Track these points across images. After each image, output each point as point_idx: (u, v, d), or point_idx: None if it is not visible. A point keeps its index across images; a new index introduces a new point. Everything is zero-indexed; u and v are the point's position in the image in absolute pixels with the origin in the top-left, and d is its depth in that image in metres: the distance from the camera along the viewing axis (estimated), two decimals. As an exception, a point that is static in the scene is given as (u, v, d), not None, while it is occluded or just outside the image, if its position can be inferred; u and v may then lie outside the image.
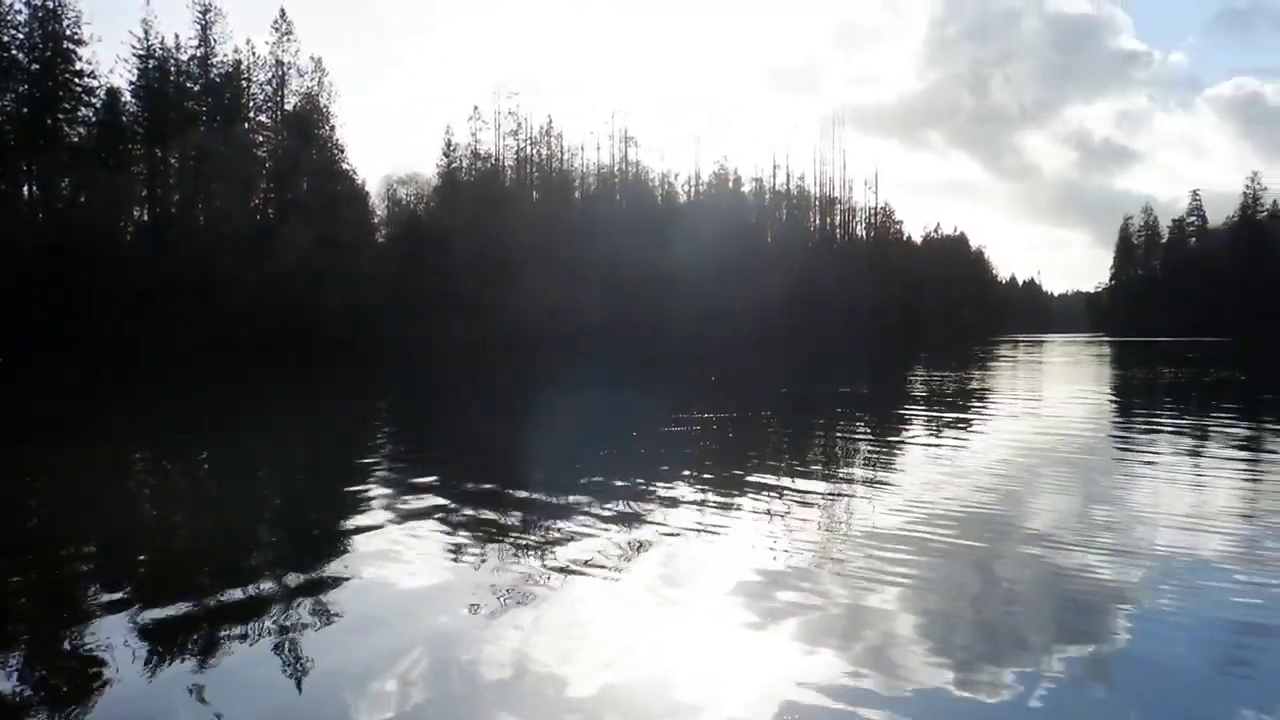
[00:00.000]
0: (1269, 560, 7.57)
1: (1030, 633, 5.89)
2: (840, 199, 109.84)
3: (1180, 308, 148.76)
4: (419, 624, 6.16)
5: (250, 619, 6.14)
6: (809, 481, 11.58)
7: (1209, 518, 9.20)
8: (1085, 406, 23.44)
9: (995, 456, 13.71)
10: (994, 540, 8.33)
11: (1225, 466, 12.81)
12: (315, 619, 6.15)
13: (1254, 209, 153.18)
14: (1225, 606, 6.37)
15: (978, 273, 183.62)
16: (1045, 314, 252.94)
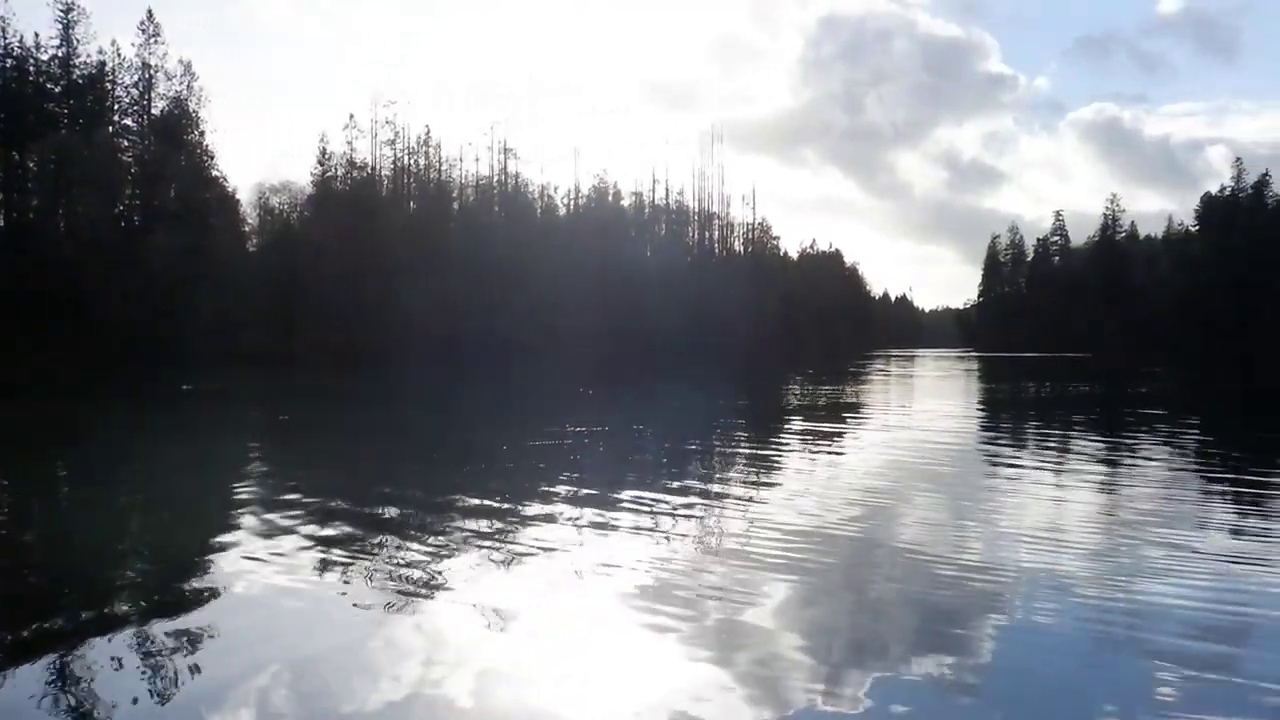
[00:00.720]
0: (1123, 570, 7.82)
1: (900, 642, 5.95)
2: (719, 214, 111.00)
3: (1044, 324, 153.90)
4: (280, 645, 5.92)
5: (105, 642, 5.83)
6: (685, 494, 11.57)
7: (1069, 529, 9.50)
8: (955, 419, 23.99)
9: (868, 469, 13.93)
10: (866, 551, 8.45)
11: (1084, 479, 13.25)
12: (173, 640, 5.86)
13: (1113, 229, 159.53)
14: (1084, 614, 6.55)
15: (852, 288, 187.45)
16: (917, 329, 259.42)
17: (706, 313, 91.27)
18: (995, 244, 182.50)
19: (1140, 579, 7.47)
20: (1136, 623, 6.34)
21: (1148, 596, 6.97)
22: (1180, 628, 6.23)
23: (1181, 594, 7.01)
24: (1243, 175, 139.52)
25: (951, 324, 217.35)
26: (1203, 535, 9.13)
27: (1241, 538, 9.08)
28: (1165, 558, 8.17)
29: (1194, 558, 8.18)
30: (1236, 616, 6.54)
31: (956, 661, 5.60)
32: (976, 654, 5.75)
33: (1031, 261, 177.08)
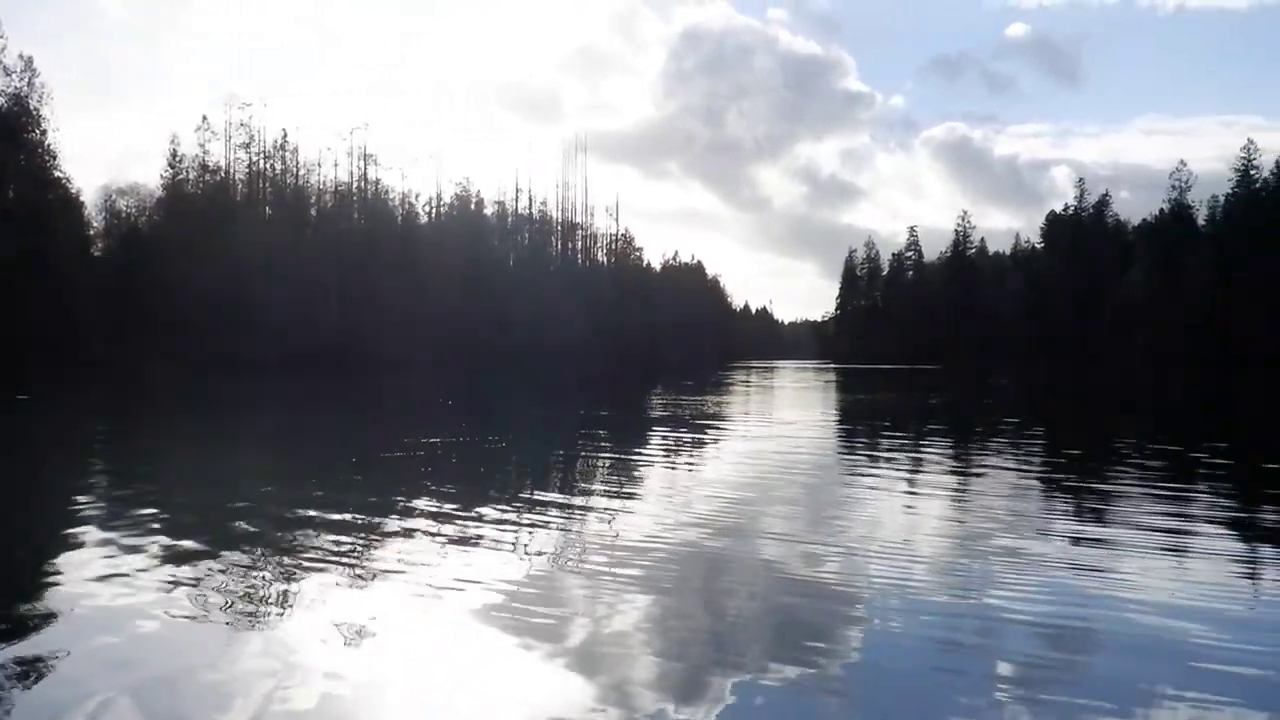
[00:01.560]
0: (973, 577, 8.09)
1: (757, 652, 5.98)
2: (582, 224, 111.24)
3: (899, 336, 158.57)
4: (126, 669, 5.62)
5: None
6: (545, 507, 11.51)
7: (921, 538, 9.78)
8: (813, 430, 24.42)
9: (729, 480, 14.05)
10: (726, 563, 8.51)
11: (936, 488, 13.64)
12: (8, 668, 5.52)
13: (964, 245, 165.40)
14: (934, 621, 6.72)
15: (714, 300, 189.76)
16: (777, 341, 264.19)
17: (569, 323, 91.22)
18: (852, 258, 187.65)
19: (987, 586, 7.69)
20: (984, 628, 6.54)
21: (994, 603, 7.17)
22: (1025, 633, 6.43)
23: (1026, 601, 7.23)
24: (1085, 195, 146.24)
25: (810, 336, 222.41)
26: (1046, 542, 9.46)
27: (1081, 544, 9.43)
28: (1011, 565, 8.43)
29: (1038, 564, 8.46)
30: (1077, 621, 6.78)
31: (813, 670, 5.67)
32: (832, 662, 5.82)
33: (887, 275, 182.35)
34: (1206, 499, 12.72)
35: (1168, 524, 10.56)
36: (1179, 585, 7.75)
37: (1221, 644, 6.22)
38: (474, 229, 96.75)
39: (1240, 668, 5.77)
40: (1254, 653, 6.05)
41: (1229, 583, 7.89)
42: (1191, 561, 8.70)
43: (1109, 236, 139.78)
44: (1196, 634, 6.42)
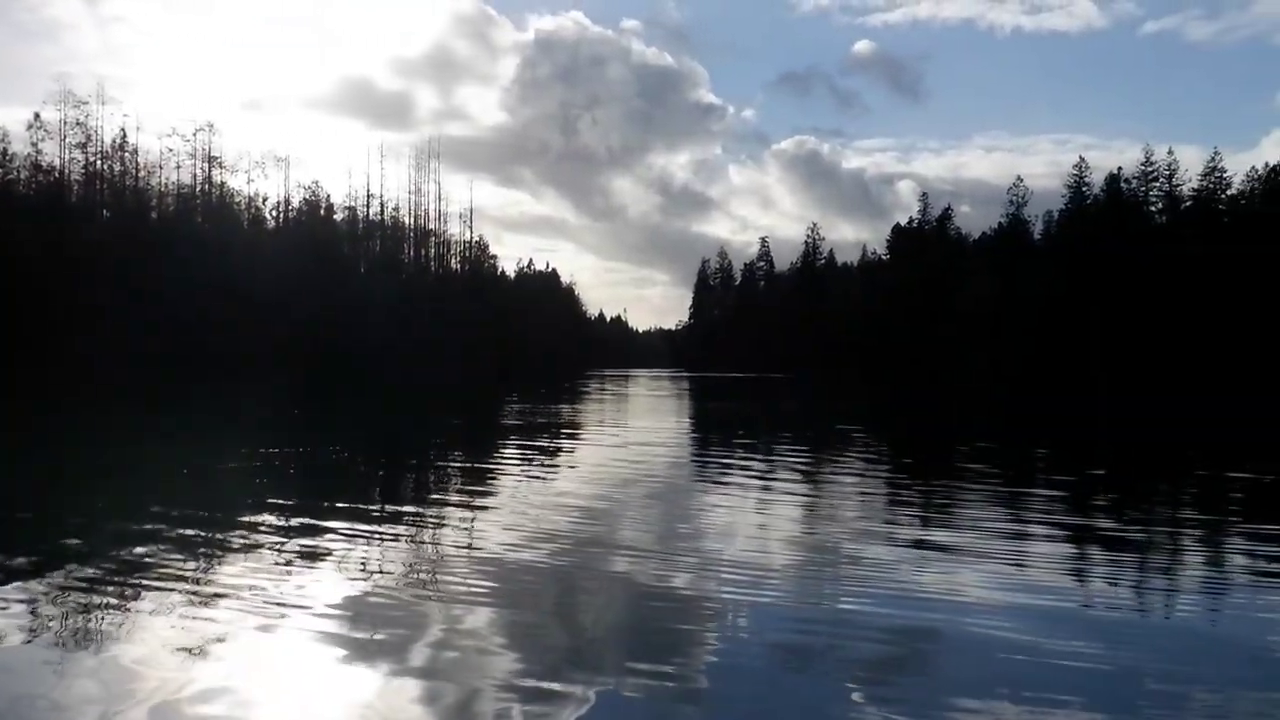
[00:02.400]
0: (822, 579, 8.32)
1: (611, 662, 5.96)
2: (436, 232, 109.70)
3: (751, 345, 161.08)
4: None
5: None
6: (394, 519, 11.31)
7: (773, 544, 9.97)
8: (667, 436, 24.58)
9: (583, 489, 14.04)
10: (581, 568, 8.48)
11: (786, 494, 13.95)
12: None
13: (814, 256, 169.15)
14: (787, 621, 6.86)
15: (569, 308, 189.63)
16: (632, 349, 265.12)
17: (422, 331, 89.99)
18: (705, 268, 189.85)
19: (835, 591, 7.88)
20: (832, 631, 6.65)
21: (842, 607, 7.33)
22: (871, 635, 6.57)
23: (871, 604, 7.40)
24: (928, 208, 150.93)
25: (664, 344, 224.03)
26: (891, 547, 9.72)
27: (924, 547, 9.73)
28: (857, 570, 8.64)
29: (884, 567, 8.69)
30: (920, 622, 6.96)
31: (666, 679, 5.66)
32: (685, 670, 5.83)
33: (739, 285, 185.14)
34: (1040, 505, 13.27)
35: (1004, 528, 11.00)
36: (1014, 586, 8.06)
37: (1053, 641, 6.47)
38: (324, 235, 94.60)
39: (1071, 662, 6.04)
40: (1081, 648, 6.35)
41: (1059, 583, 8.25)
42: (1026, 563, 9.05)
43: (951, 249, 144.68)
44: (1030, 632, 6.67)
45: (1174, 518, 12.41)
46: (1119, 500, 13.83)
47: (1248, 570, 8.98)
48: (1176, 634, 6.90)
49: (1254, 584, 8.41)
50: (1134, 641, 6.59)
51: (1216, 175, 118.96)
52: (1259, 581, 8.52)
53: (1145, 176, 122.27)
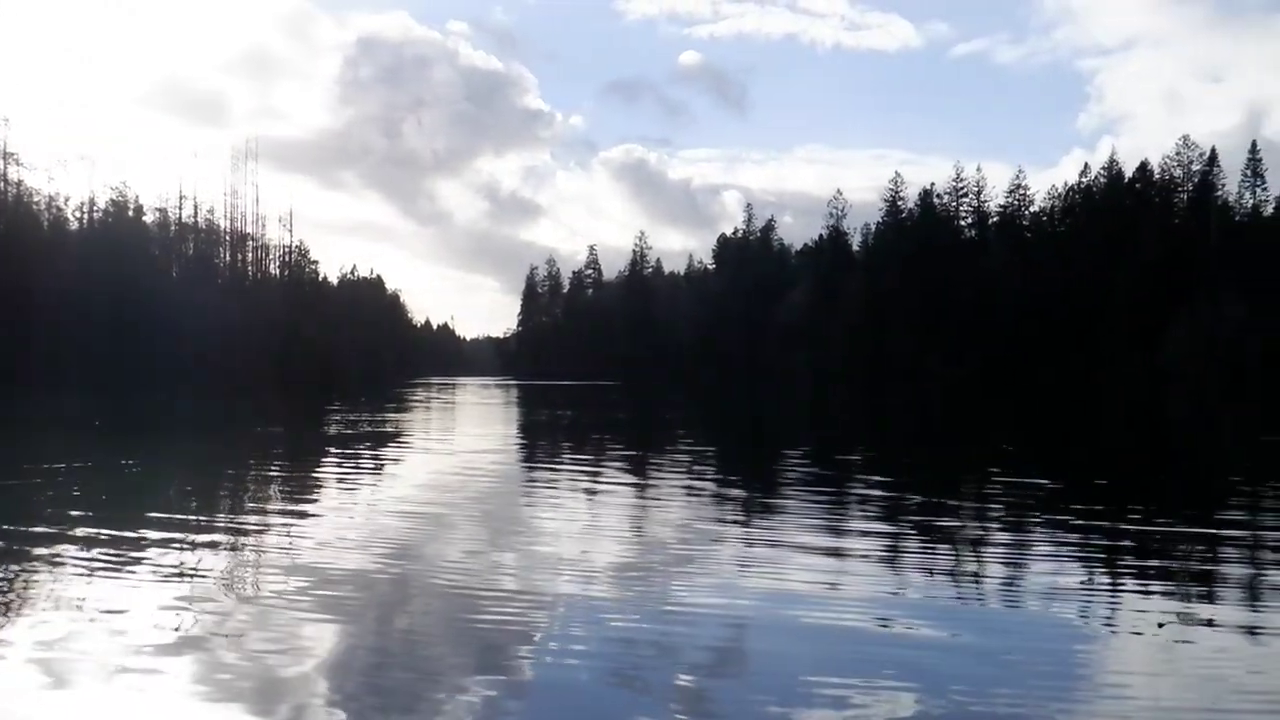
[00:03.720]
0: (653, 579, 8.30)
1: (445, 665, 5.82)
2: (254, 236, 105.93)
3: (580, 353, 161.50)
4: None
5: None
6: (208, 531, 10.79)
7: (603, 549, 9.92)
8: (496, 443, 24.29)
9: (410, 499, 13.74)
10: (407, 585, 8.25)
11: (616, 500, 13.96)
12: None
13: (641, 264, 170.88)
14: (619, 622, 6.84)
15: (395, 315, 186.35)
16: (460, 357, 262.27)
17: (238, 339, 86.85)
18: (534, 275, 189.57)
19: (665, 591, 7.89)
20: (663, 631, 6.64)
21: (672, 607, 7.34)
22: (702, 634, 6.61)
23: (701, 603, 7.47)
24: (753, 219, 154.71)
25: (493, 352, 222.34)
26: (720, 545, 9.84)
27: (754, 546, 9.89)
28: (687, 569, 8.72)
29: (711, 566, 8.82)
30: (749, 620, 7.04)
31: (497, 687, 5.54)
32: (515, 677, 5.74)
33: (568, 293, 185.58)
34: (858, 500, 13.58)
35: (827, 523, 11.29)
36: (840, 579, 8.28)
37: (878, 631, 6.67)
38: (132, 237, 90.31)
39: (896, 650, 6.21)
40: (905, 636, 6.57)
41: (882, 575, 8.48)
42: (849, 556, 9.25)
43: (774, 258, 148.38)
44: (857, 624, 6.84)
45: (983, 512, 12.76)
46: (937, 490, 14.18)
47: (1052, 555, 9.30)
48: (988, 619, 7.09)
49: (1056, 570, 8.69)
50: (949, 629, 6.77)
51: (1020, 192, 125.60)
52: (1062, 566, 8.80)
53: (956, 192, 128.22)
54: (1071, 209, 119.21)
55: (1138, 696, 5.44)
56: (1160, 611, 7.23)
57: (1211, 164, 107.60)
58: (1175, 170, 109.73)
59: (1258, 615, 7.27)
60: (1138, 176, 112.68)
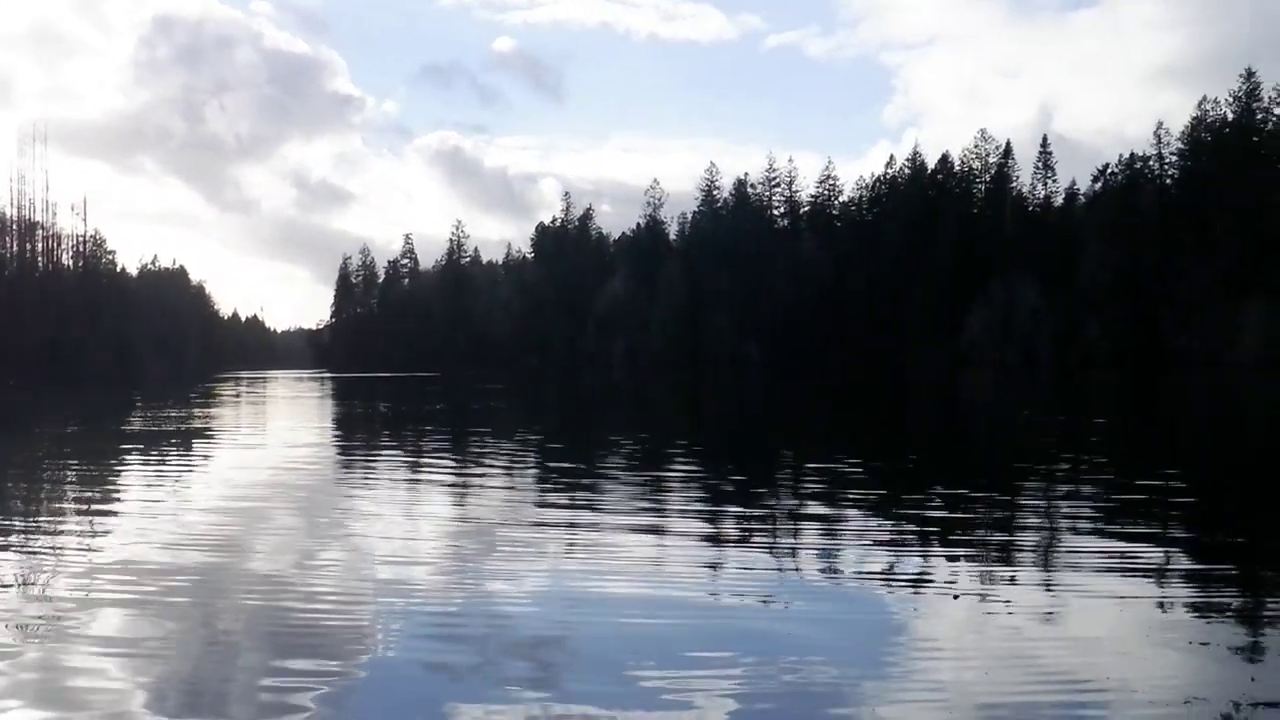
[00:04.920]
0: (475, 569, 8.22)
1: (254, 665, 5.57)
2: (44, 224, 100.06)
3: (397, 344, 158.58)
4: None
5: None
6: (2, 534, 9.90)
7: (425, 542, 9.78)
8: (310, 440, 23.53)
9: (221, 497, 13.22)
10: (221, 575, 7.93)
11: (438, 489, 13.79)
12: None
13: (458, 254, 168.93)
14: (440, 614, 6.70)
15: (200, 308, 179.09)
16: (270, 350, 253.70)
17: (29, 333, 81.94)
18: (347, 265, 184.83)
19: (487, 581, 7.81)
20: (486, 622, 6.53)
21: (498, 595, 7.30)
22: (525, 623, 6.54)
23: (524, 591, 7.45)
24: (571, 208, 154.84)
25: (306, 345, 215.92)
26: (543, 534, 9.78)
27: (577, 528, 9.86)
28: (509, 557, 8.68)
29: (535, 551, 8.81)
30: (572, 607, 7.03)
31: (310, 687, 5.31)
32: (328, 676, 5.51)
33: (383, 283, 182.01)
34: (679, 480, 13.73)
35: (649, 504, 11.53)
36: (661, 569, 8.34)
37: (693, 622, 6.65)
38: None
39: (721, 621, 6.28)
40: (730, 607, 6.64)
41: (697, 568, 8.47)
42: (670, 546, 9.35)
43: (593, 247, 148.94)
44: (673, 615, 6.81)
45: (799, 491, 13.03)
46: (755, 471, 14.38)
47: (862, 531, 9.62)
48: (805, 591, 7.23)
49: (867, 544, 9.03)
50: (770, 600, 6.90)
51: (830, 182, 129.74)
52: (869, 552, 9.12)
53: (769, 182, 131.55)
54: (878, 199, 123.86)
55: (943, 657, 5.70)
56: (961, 579, 7.60)
57: (1007, 156, 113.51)
58: (974, 162, 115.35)
59: (1045, 578, 7.68)
60: (939, 168, 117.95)
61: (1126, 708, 4.79)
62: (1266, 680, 5.14)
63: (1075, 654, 5.73)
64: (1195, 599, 7.14)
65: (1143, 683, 5.15)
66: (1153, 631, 6.14)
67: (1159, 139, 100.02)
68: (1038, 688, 5.18)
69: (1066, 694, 5.04)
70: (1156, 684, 5.13)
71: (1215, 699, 4.83)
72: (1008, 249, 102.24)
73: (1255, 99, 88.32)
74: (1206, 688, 5.02)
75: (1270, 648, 5.76)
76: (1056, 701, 4.93)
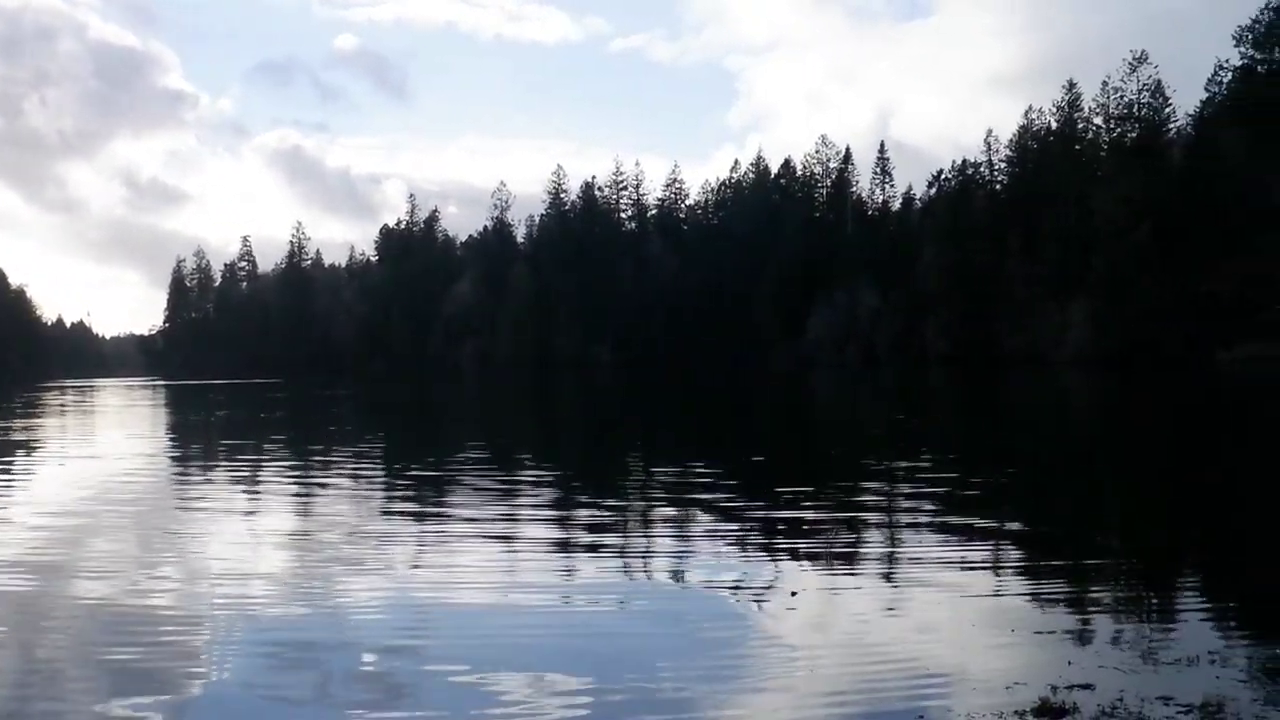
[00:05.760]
0: (316, 584, 8.05)
1: (85, 692, 5.33)
2: None
3: (236, 350, 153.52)
4: None
5: None
6: None
7: (265, 552, 9.60)
8: (139, 452, 22.56)
9: (46, 513, 12.53)
10: (44, 597, 7.60)
11: (278, 501, 13.47)
12: None
13: (300, 256, 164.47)
14: (281, 630, 6.54)
15: (19, 314, 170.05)
16: (99, 358, 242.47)
17: None
18: (181, 268, 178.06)
19: (330, 595, 7.68)
20: (329, 636, 6.42)
21: (341, 609, 7.21)
22: (369, 634, 6.45)
23: (368, 603, 7.35)
24: (416, 209, 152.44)
25: (138, 351, 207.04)
26: (388, 542, 9.72)
27: (424, 538, 9.84)
28: (356, 567, 8.57)
29: (381, 561, 8.74)
30: (416, 616, 6.98)
31: (153, 711, 5.13)
32: (174, 699, 5.33)
33: (220, 287, 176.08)
34: (528, 486, 13.76)
35: (499, 516, 11.38)
36: (511, 577, 8.27)
37: (545, 629, 6.66)
38: None
39: (569, 625, 6.40)
40: (578, 613, 6.73)
41: (547, 573, 8.47)
42: (520, 552, 9.36)
43: (439, 250, 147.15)
44: (524, 623, 6.80)
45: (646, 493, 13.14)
46: (599, 476, 14.44)
47: (708, 533, 9.83)
48: (653, 593, 7.38)
49: (710, 545, 9.21)
50: (619, 603, 7.02)
51: (677, 186, 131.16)
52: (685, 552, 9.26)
53: (617, 185, 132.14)
54: (724, 202, 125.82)
55: (792, 652, 5.81)
56: (807, 576, 7.82)
57: (847, 162, 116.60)
58: (815, 167, 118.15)
59: (887, 572, 7.99)
60: (782, 173, 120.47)
61: (963, 695, 5.02)
62: (1082, 663, 5.44)
63: (917, 643, 5.96)
64: (1026, 589, 7.51)
65: (979, 669, 5.39)
66: (987, 621, 6.41)
67: (989, 146, 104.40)
68: (882, 676, 5.37)
69: (908, 681, 5.25)
70: (989, 670, 5.37)
71: (1035, 682, 5.09)
72: (849, 252, 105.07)
73: (1076, 109, 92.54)
74: (1030, 671, 5.28)
75: (1088, 634, 6.10)
76: (899, 689, 5.14)
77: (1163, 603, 7.27)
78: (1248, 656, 5.51)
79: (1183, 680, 5.10)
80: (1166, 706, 4.73)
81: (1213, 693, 4.86)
